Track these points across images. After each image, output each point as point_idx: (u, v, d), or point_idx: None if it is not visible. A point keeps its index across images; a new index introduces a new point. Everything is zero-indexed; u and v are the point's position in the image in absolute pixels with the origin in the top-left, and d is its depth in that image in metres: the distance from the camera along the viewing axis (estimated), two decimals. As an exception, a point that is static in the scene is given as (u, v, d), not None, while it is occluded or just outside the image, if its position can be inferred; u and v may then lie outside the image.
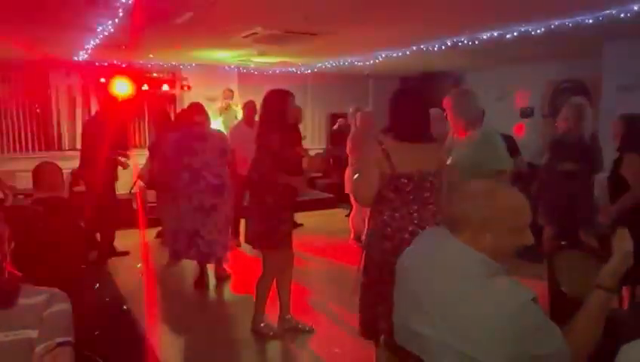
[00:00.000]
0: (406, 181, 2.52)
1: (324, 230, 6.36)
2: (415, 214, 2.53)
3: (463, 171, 3.13)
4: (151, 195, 6.92)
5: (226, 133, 5.91)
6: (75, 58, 7.30)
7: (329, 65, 8.55)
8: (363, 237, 5.83)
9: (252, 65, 8.66)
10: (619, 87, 5.87)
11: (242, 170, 4.62)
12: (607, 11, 4.40)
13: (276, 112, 3.35)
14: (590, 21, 4.67)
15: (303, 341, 3.54)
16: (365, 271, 2.69)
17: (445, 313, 1.41)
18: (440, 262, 1.50)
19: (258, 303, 3.61)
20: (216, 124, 7.09)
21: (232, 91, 8.18)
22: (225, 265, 4.86)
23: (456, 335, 1.38)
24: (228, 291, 4.68)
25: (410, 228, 2.52)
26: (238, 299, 4.48)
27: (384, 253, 2.54)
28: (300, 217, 6.30)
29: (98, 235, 5.26)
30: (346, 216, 5.81)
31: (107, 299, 4.15)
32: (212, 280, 4.77)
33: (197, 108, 4.56)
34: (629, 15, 4.41)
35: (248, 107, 6.15)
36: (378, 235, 2.58)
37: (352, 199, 5.82)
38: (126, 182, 7.73)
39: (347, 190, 5.76)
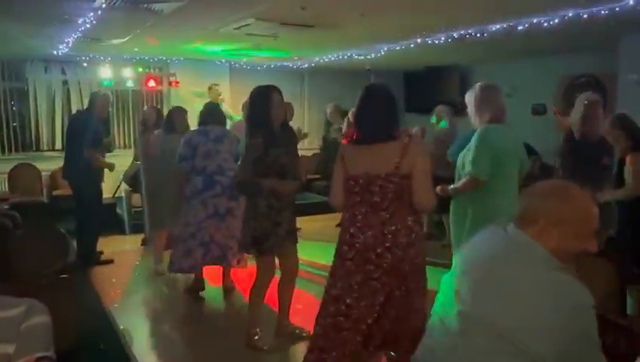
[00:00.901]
0: (353, 183, 2.61)
1: (318, 236, 6.35)
2: (359, 216, 2.59)
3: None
4: (136, 199, 6.91)
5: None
6: (55, 52, 7.29)
7: (327, 60, 8.55)
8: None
9: (245, 60, 8.66)
10: (636, 82, 5.89)
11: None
12: (624, 2, 4.41)
13: (258, 111, 3.37)
14: (606, 12, 4.68)
15: (301, 347, 3.54)
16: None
17: (504, 298, 1.49)
18: (504, 250, 1.59)
19: (251, 313, 3.62)
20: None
21: (217, 86, 8.14)
22: (233, 275, 4.86)
23: (510, 320, 1.44)
24: (229, 301, 4.67)
25: (351, 230, 2.61)
26: (238, 309, 4.49)
27: (336, 251, 2.69)
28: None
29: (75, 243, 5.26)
30: (337, 225, 5.81)
31: (89, 311, 4.14)
32: (215, 291, 4.77)
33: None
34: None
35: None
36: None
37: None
38: (110, 185, 7.75)
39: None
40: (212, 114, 4.60)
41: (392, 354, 2.69)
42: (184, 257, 4.43)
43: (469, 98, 3.35)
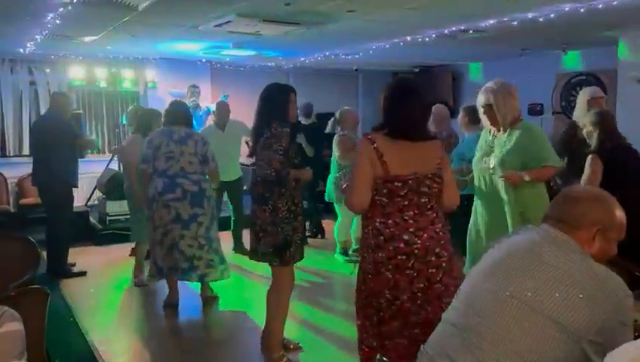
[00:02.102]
0: (400, 184, 2.54)
1: (309, 244, 6.36)
2: (411, 221, 2.54)
3: (509, 169, 3.31)
4: (111, 206, 6.87)
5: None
6: (21, 50, 7.24)
7: (313, 59, 8.59)
8: (351, 252, 5.95)
9: (227, 60, 8.66)
10: (637, 80, 5.98)
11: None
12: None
13: (281, 107, 3.42)
14: (604, 6, 4.76)
15: (291, 359, 3.56)
16: (359, 286, 2.70)
17: (545, 280, 1.58)
18: (542, 239, 1.68)
19: (275, 335, 3.52)
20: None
21: (197, 87, 8.14)
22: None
23: (551, 300, 1.54)
24: (211, 313, 4.65)
25: (405, 237, 2.52)
26: (221, 321, 4.49)
27: (377, 265, 2.55)
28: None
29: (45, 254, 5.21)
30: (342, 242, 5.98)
31: (60, 325, 4.10)
32: (195, 303, 4.74)
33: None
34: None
35: (222, 108, 6.26)
36: (370, 245, 2.59)
37: (337, 208, 5.85)
38: (83, 192, 7.69)
39: (330, 198, 5.79)
40: (177, 113, 4.58)
41: (385, 359, 2.69)
42: (163, 259, 4.44)
43: (488, 94, 3.42)
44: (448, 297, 2.39)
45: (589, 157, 3.62)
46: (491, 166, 3.41)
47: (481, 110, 3.50)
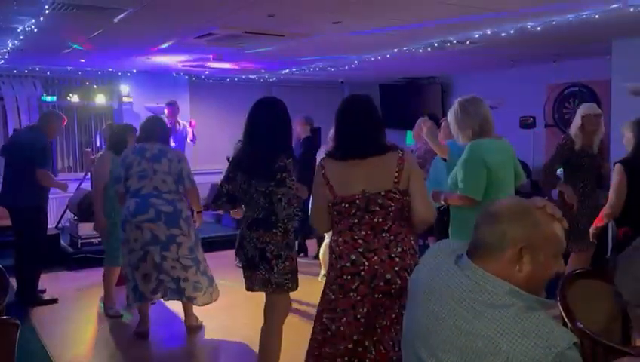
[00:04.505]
0: (347, 205, 2.56)
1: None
2: (360, 241, 2.53)
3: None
4: (83, 229, 6.77)
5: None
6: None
7: (297, 72, 8.62)
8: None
9: (206, 73, 8.67)
10: (631, 91, 6.08)
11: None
12: (614, 5, 4.58)
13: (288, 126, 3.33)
14: (596, 16, 4.85)
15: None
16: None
17: (464, 346, 1.43)
18: (461, 294, 1.50)
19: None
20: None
21: (175, 104, 8.10)
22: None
23: None
24: (192, 342, 4.59)
25: (352, 257, 2.53)
26: (200, 350, 4.42)
27: (327, 284, 2.61)
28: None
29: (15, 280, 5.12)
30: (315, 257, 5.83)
31: (29, 357, 4.01)
32: (176, 329, 4.67)
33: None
34: (639, 10, 4.60)
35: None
36: (329, 265, 2.66)
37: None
38: (53, 213, 7.58)
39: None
40: (151, 129, 4.53)
41: None
42: (144, 283, 4.36)
43: (450, 116, 3.51)
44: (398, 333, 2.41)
45: (616, 166, 3.83)
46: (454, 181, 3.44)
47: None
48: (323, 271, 6.03)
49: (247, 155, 3.23)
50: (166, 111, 7.88)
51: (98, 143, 8.58)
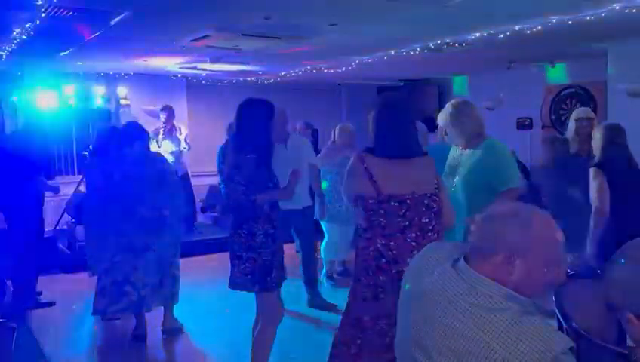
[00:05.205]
0: (397, 204, 2.56)
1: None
2: (414, 243, 2.55)
3: (470, 189, 3.32)
4: (81, 231, 6.76)
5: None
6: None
7: (294, 74, 8.63)
8: (335, 275, 5.93)
9: (204, 75, 8.67)
10: (627, 92, 6.10)
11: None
12: (610, 7, 4.60)
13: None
14: (592, 18, 4.86)
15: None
16: (347, 311, 2.70)
17: (459, 348, 1.43)
18: (456, 296, 1.51)
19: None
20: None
21: (171, 108, 8.09)
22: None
23: None
24: (176, 347, 4.57)
25: (409, 260, 2.51)
26: (188, 355, 4.42)
27: (377, 288, 2.56)
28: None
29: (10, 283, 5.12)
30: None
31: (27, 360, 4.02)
32: (157, 334, 4.66)
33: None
34: (634, 11, 4.62)
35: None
36: (370, 267, 2.60)
37: (324, 226, 5.83)
38: (50, 216, 7.57)
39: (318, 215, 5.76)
40: (132, 133, 4.52)
41: None
42: (100, 297, 4.37)
43: (447, 120, 3.50)
44: None
45: (592, 170, 3.82)
46: (454, 184, 3.43)
47: (442, 130, 3.63)
48: (324, 271, 6.03)
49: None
50: (163, 117, 7.91)
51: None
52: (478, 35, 5.68)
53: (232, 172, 3.19)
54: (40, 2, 4.08)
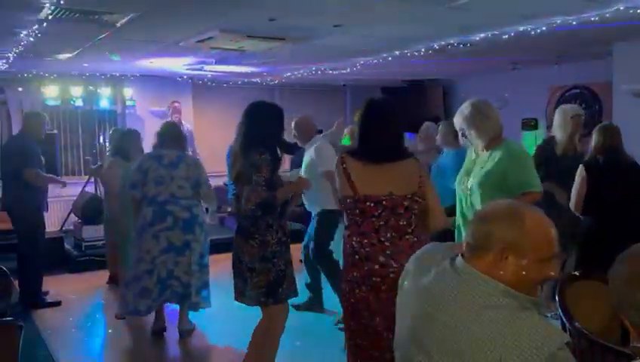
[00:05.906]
0: (373, 205, 2.59)
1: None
2: (387, 243, 2.58)
3: (486, 191, 3.23)
4: (87, 232, 6.81)
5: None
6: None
7: (299, 75, 8.65)
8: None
9: (209, 76, 8.70)
10: (632, 93, 6.09)
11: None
12: (615, 7, 4.59)
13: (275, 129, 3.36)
14: (596, 18, 4.86)
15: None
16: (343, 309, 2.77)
17: (457, 346, 1.45)
18: (455, 294, 1.52)
19: None
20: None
21: (179, 104, 8.15)
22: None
23: None
24: (190, 346, 4.58)
25: (381, 259, 2.57)
26: (201, 354, 4.44)
27: (352, 284, 2.63)
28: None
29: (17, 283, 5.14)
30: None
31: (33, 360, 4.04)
32: (174, 334, 4.67)
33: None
34: (639, 11, 4.61)
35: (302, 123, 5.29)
36: (347, 262, 2.68)
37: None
38: (57, 216, 7.63)
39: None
40: (168, 135, 4.54)
41: None
42: (139, 297, 4.36)
43: (467, 120, 3.35)
44: None
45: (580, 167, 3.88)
46: (469, 187, 3.36)
47: (459, 132, 3.50)
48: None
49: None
50: (175, 106, 8.04)
51: (102, 147, 8.63)
52: (482, 35, 5.68)
53: (248, 171, 3.14)
54: (46, 4, 4.11)
